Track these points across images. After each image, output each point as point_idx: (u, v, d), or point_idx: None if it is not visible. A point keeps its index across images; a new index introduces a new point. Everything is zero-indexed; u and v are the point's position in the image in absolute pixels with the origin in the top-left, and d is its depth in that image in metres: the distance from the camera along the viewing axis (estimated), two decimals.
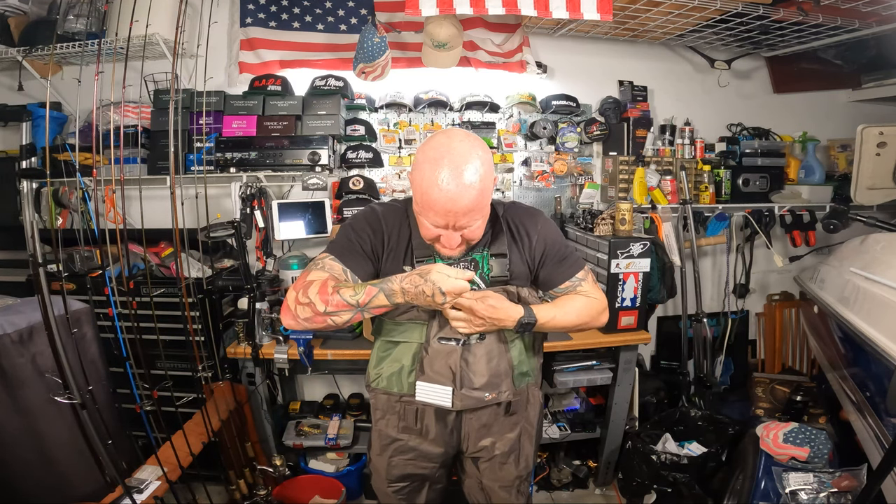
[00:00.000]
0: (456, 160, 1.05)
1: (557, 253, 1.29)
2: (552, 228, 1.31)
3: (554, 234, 1.30)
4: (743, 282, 2.88)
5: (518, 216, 1.29)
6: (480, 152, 1.08)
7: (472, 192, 1.06)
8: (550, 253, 1.28)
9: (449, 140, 1.09)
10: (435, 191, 1.05)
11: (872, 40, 2.42)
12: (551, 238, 1.29)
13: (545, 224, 1.30)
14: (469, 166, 1.05)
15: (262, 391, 2.13)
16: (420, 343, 1.25)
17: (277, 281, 2.38)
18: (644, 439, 2.20)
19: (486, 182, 1.08)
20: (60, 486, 1.58)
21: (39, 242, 2.30)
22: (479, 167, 1.06)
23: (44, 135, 2.15)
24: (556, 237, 1.30)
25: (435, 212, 1.08)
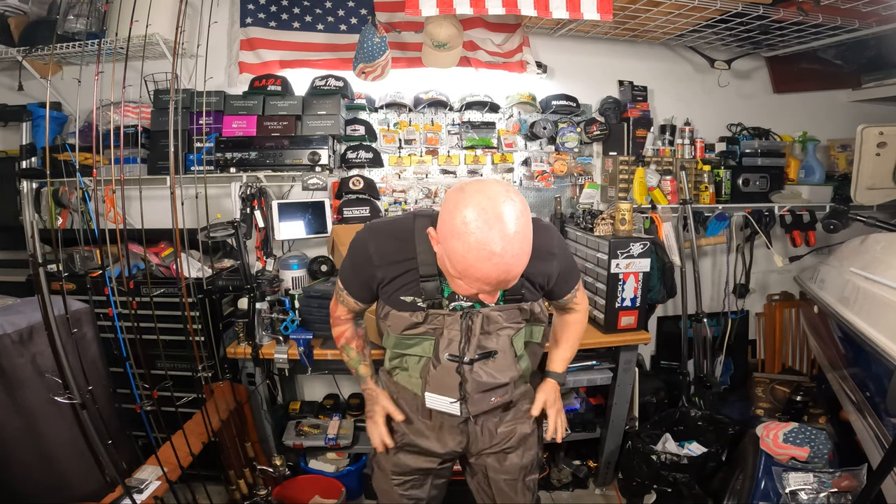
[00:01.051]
0: (505, 227, 0.92)
1: (567, 271, 1.31)
2: (563, 245, 1.31)
3: (566, 253, 1.30)
4: (743, 282, 2.88)
5: (536, 236, 1.06)
6: (520, 205, 0.96)
7: (524, 258, 0.98)
8: (563, 272, 1.29)
9: (491, 202, 0.93)
10: (487, 265, 0.93)
11: (872, 40, 2.42)
12: (564, 257, 1.29)
13: (559, 242, 1.28)
14: (519, 230, 0.94)
15: (262, 391, 2.13)
16: (428, 357, 1.25)
17: (277, 281, 2.38)
18: (644, 439, 2.20)
19: (530, 238, 0.98)
20: (60, 486, 1.58)
21: (39, 242, 2.30)
22: (525, 225, 0.96)
23: (44, 135, 2.15)
24: (568, 255, 1.31)
25: (484, 282, 0.97)
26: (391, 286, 1.19)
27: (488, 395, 1.28)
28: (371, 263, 1.18)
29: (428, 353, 1.24)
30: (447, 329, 1.20)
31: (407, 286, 1.18)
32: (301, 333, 2.05)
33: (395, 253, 1.16)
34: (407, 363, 1.29)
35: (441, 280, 1.15)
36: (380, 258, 1.17)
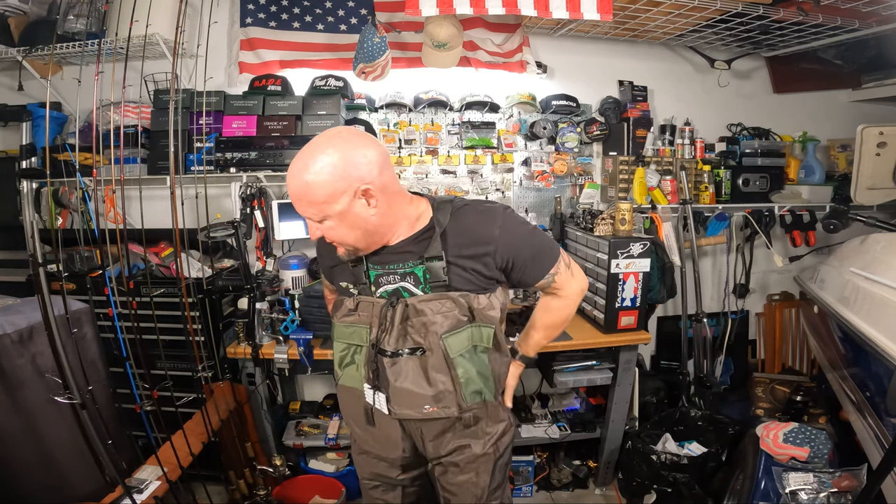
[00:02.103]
0: (305, 149, 1.05)
1: (527, 253, 1.19)
2: (514, 229, 1.17)
3: (518, 236, 1.18)
4: (743, 282, 2.88)
5: (469, 223, 1.15)
6: (326, 146, 1.03)
7: (302, 183, 1.03)
8: (519, 256, 1.18)
9: (317, 137, 1.07)
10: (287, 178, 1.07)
11: (872, 40, 2.42)
12: (516, 241, 1.17)
13: (505, 226, 1.16)
14: (312, 158, 1.02)
15: (262, 391, 2.13)
16: (366, 346, 1.22)
17: (277, 281, 2.38)
18: (644, 439, 2.20)
19: (317, 176, 1.01)
20: (60, 486, 1.58)
21: (39, 242, 2.30)
22: (315, 157, 1.02)
23: (44, 135, 2.15)
24: (522, 238, 1.19)
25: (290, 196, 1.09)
26: (333, 273, 1.30)
27: (417, 400, 1.19)
28: (320, 253, 1.34)
29: (364, 341, 1.22)
30: (375, 317, 1.19)
31: (343, 272, 1.25)
32: (301, 333, 2.05)
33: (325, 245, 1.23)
34: (354, 356, 1.26)
35: (367, 265, 1.20)
36: (324, 247, 1.26)
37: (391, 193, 1.11)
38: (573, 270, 1.31)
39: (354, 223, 1.08)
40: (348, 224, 1.08)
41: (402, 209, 1.16)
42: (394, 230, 1.16)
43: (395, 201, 1.13)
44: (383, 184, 1.07)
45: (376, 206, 1.08)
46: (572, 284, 1.30)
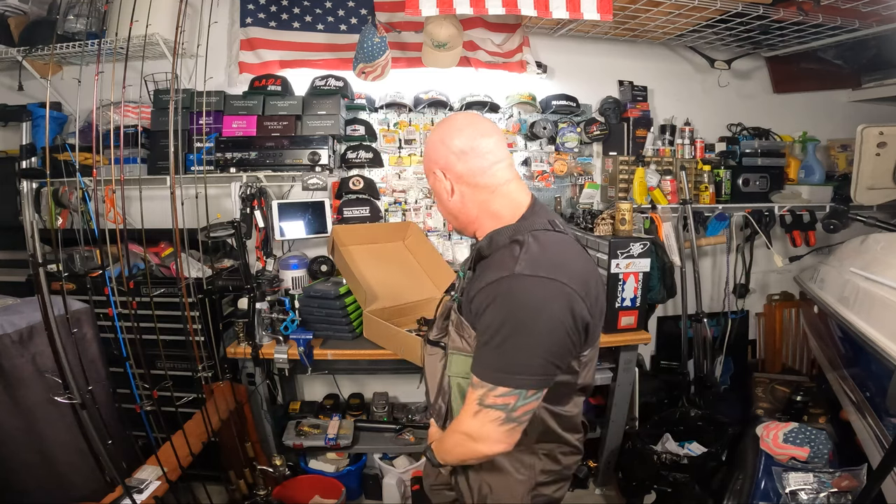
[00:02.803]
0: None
1: (479, 329, 0.96)
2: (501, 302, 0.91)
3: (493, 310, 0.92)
4: (743, 282, 2.88)
5: (494, 259, 0.99)
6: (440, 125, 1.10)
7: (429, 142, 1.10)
8: (470, 311, 1.00)
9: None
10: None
11: (872, 40, 2.42)
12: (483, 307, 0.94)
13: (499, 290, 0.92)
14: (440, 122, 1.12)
15: (262, 391, 2.13)
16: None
17: (277, 281, 2.38)
18: (644, 439, 2.20)
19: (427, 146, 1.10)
20: (60, 486, 1.58)
21: (39, 242, 2.30)
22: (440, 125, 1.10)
23: (44, 135, 2.15)
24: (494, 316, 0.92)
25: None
26: None
27: (431, 391, 1.17)
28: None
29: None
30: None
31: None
32: (301, 333, 2.05)
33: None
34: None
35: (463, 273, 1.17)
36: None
37: (470, 186, 1.05)
38: (482, 422, 0.95)
39: (443, 200, 1.10)
40: (438, 198, 1.12)
41: (485, 206, 1.06)
42: (476, 224, 1.09)
43: (475, 195, 1.05)
44: (459, 173, 1.04)
45: (451, 191, 1.06)
46: (466, 423, 0.98)
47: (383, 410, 2.53)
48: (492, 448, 0.98)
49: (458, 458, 1.07)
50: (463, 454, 1.04)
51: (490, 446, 0.97)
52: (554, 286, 0.90)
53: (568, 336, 0.91)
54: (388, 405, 2.57)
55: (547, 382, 0.95)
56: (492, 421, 0.94)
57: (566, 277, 0.91)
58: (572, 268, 0.94)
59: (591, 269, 1.01)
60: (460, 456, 1.06)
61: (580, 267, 0.96)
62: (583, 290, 0.93)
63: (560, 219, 1.09)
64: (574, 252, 1.00)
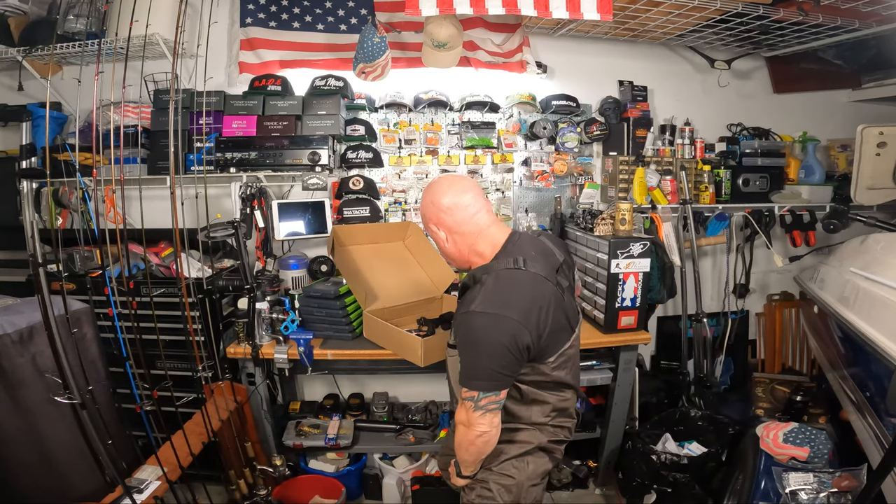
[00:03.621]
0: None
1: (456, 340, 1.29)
2: (463, 327, 1.23)
3: (460, 331, 1.25)
4: (743, 282, 2.88)
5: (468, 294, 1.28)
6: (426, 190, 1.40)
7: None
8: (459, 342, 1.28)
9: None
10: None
11: (872, 40, 2.42)
12: (457, 328, 1.27)
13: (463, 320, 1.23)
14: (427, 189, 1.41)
15: (262, 391, 2.13)
16: None
17: (277, 281, 2.38)
18: (644, 439, 2.20)
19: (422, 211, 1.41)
20: (60, 486, 1.58)
21: (39, 242, 2.30)
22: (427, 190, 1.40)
23: (44, 135, 2.15)
24: (460, 335, 1.25)
25: None
26: None
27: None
28: None
29: None
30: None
31: None
32: (301, 333, 2.05)
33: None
34: None
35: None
36: None
37: (459, 234, 1.34)
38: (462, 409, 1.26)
39: (442, 247, 1.41)
40: (440, 245, 1.41)
41: (472, 247, 1.35)
42: (469, 261, 1.38)
43: (464, 240, 1.35)
44: (449, 225, 1.34)
45: (446, 239, 1.36)
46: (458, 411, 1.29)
47: (383, 410, 2.53)
48: (477, 428, 1.24)
49: (468, 448, 1.30)
50: (466, 443, 1.29)
51: (476, 428, 1.25)
52: (496, 319, 1.18)
53: (510, 354, 1.19)
54: (388, 405, 2.57)
55: (499, 385, 1.22)
56: (467, 409, 1.24)
57: (509, 311, 1.18)
58: (516, 303, 1.20)
59: (539, 298, 1.23)
60: (468, 446, 1.29)
61: (526, 300, 1.21)
62: (524, 320, 1.19)
63: (535, 250, 1.33)
64: (524, 288, 1.23)
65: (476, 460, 1.35)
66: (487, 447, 1.30)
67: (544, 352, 1.27)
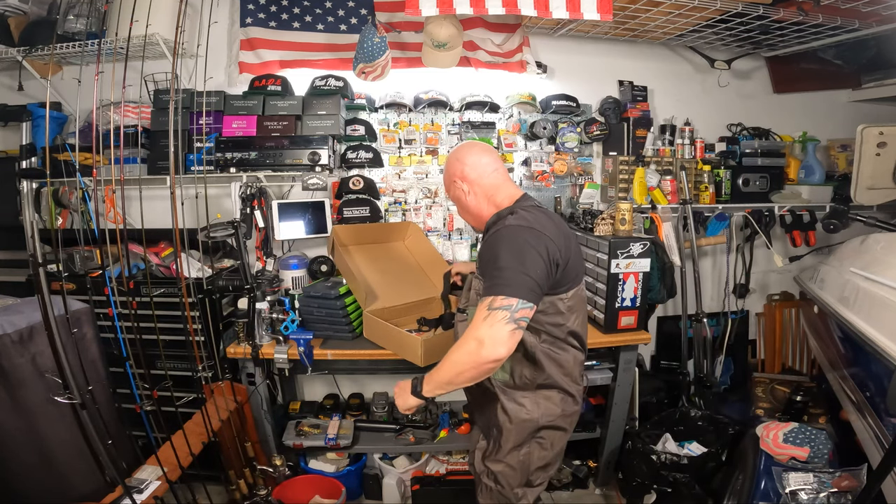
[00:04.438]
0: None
1: (484, 266, 1.29)
2: (496, 240, 1.27)
3: (492, 249, 1.27)
4: (743, 282, 2.88)
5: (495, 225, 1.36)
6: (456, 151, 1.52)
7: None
8: (480, 263, 1.35)
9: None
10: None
11: (872, 40, 2.42)
12: (487, 250, 1.31)
13: (495, 236, 1.29)
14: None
15: (262, 391, 2.13)
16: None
17: (277, 281, 2.38)
18: (644, 439, 2.20)
19: (447, 170, 1.52)
20: (60, 486, 1.58)
21: (39, 242, 2.30)
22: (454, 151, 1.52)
23: (44, 135, 2.15)
24: (493, 252, 1.26)
25: None
26: None
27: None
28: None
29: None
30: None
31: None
32: (301, 333, 2.05)
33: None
34: None
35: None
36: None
37: (479, 185, 1.44)
38: (491, 324, 1.15)
39: (464, 204, 1.50)
40: (460, 205, 1.52)
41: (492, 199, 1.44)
42: (486, 215, 1.45)
43: (483, 192, 1.45)
44: (472, 179, 1.45)
45: (468, 192, 1.46)
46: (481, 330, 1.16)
47: (383, 410, 2.53)
48: (497, 350, 1.15)
49: (461, 369, 1.20)
50: (467, 363, 1.19)
51: (496, 348, 1.15)
52: (532, 231, 1.26)
53: (544, 264, 1.23)
54: (388, 405, 2.57)
55: (535, 297, 1.21)
56: (500, 320, 1.15)
57: (542, 228, 1.27)
58: (549, 226, 1.30)
59: (567, 233, 1.38)
60: (464, 366, 1.20)
61: (556, 228, 1.32)
62: (556, 237, 1.28)
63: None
64: (553, 220, 1.35)
65: (460, 385, 1.25)
66: (485, 375, 1.23)
67: (564, 279, 1.32)
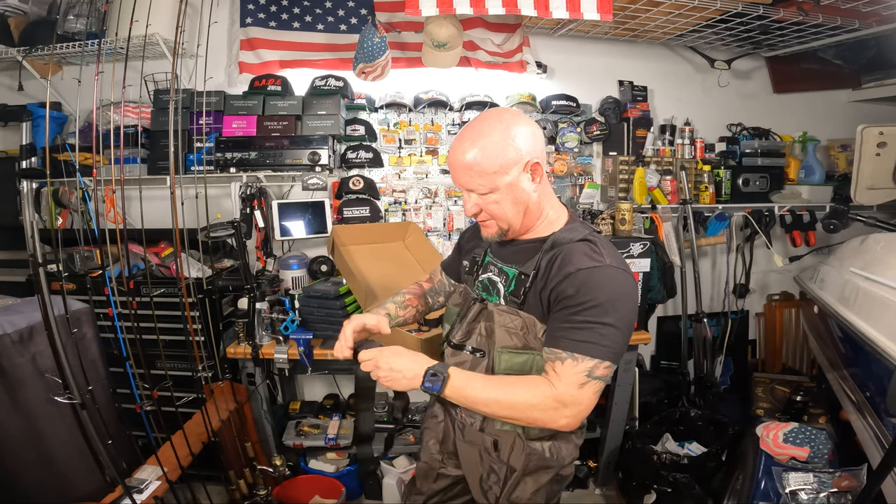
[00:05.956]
0: (471, 124, 1.09)
1: (572, 311, 0.99)
2: (597, 283, 0.99)
3: (592, 289, 0.98)
4: (743, 282, 2.88)
5: (574, 250, 1.05)
6: (494, 121, 1.06)
7: (465, 150, 1.05)
8: (564, 304, 1.01)
9: (485, 113, 1.11)
10: (450, 151, 1.11)
11: (872, 40, 2.42)
12: (584, 287, 0.99)
13: (592, 273, 0.99)
14: (474, 129, 1.06)
15: (262, 391, 2.13)
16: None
17: (277, 281, 2.38)
18: (644, 439, 2.20)
19: (488, 147, 1.03)
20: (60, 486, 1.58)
21: (39, 242, 2.30)
22: (483, 130, 1.05)
23: (44, 135, 2.15)
24: (594, 293, 0.98)
25: (451, 170, 1.12)
26: (464, 252, 1.35)
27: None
28: (463, 236, 1.40)
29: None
30: (463, 310, 1.24)
31: (471, 252, 1.31)
32: (301, 333, 2.05)
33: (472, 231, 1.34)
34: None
35: (485, 256, 1.25)
36: (472, 232, 1.35)
37: (545, 180, 1.12)
38: (586, 391, 0.98)
39: (519, 198, 1.08)
40: (513, 199, 1.07)
41: (550, 201, 1.15)
42: (536, 220, 1.13)
43: (548, 190, 1.15)
44: (542, 164, 1.09)
45: (539, 183, 1.09)
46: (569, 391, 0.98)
47: (383, 410, 2.53)
48: (577, 417, 1.00)
49: (515, 415, 1.02)
50: (530, 418, 1.02)
51: (577, 415, 1.00)
52: (632, 280, 1.04)
53: (633, 321, 1.05)
54: (388, 405, 2.57)
55: (620, 357, 1.02)
56: (595, 392, 0.99)
57: (630, 271, 1.06)
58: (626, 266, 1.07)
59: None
60: (520, 415, 1.02)
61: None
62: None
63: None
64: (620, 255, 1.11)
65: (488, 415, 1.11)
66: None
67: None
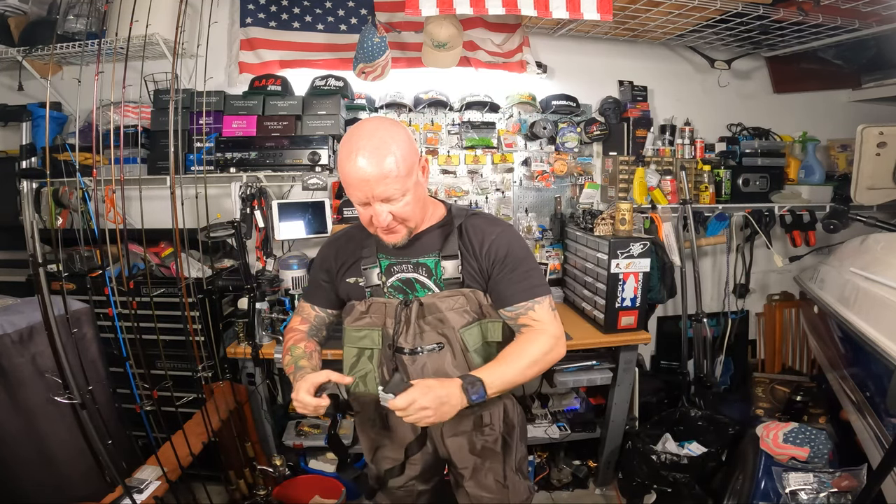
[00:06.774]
0: (363, 135, 1.08)
1: (513, 267, 1.19)
2: (513, 240, 1.21)
3: (513, 247, 1.20)
4: (743, 282, 2.88)
5: (477, 223, 1.23)
6: (389, 127, 1.10)
7: (380, 159, 1.05)
8: (504, 264, 1.19)
9: (359, 124, 1.13)
10: (347, 165, 1.06)
11: (872, 40, 2.42)
12: (508, 248, 1.19)
13: (505, 234, 1.21)
14: (375, 137, 1.06)
15: (262, 391, 2.13)
16: (379, 349, 1.24)
17: (277, 281, 2.38)
18: (644, 439, 2.20)
19: (397, 151, 1.06)
20: (60, 486, 1.58)
21: (39, 242, 2.29)
22: (385, 137, 1.07)
23: (44, 135, 2.15)
24: (516, 250, 1.20)
25: (353, 186, 1.09)
26: (341, 273, 1.29)
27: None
28: (327, 260, 1.32)
29: (377, 344, 1.24)
30: (388, 318, 1.22)
31: (352, 268, 1.27)
32: None
33: (348, 245, 1.30)
34: (367, 360, 1.26)
35: (380, 260, 1.24)
36: (340, 244, 1.31)
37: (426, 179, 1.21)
38: (557, 320, 1.22)
39: (420, 195, 1.17)
40: (417, 197, 1.14)
41: (426, 193, 1.24)
42: (427, 211, 1.23)
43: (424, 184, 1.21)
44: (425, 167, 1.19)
45: (425, 178, 1.19)
46: (552, 325, 1.19)
47: None
48: (564, 342, 1.22)
49: (541, 367, 1.17)
50: (548, 361, 1.18)
51: (564, 342, 1.21)
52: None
53: None
54: None
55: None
56: (553, 319, 1.21)
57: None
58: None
59: None
60: (544, 364, 1.17)
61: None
62: None
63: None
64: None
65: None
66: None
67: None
